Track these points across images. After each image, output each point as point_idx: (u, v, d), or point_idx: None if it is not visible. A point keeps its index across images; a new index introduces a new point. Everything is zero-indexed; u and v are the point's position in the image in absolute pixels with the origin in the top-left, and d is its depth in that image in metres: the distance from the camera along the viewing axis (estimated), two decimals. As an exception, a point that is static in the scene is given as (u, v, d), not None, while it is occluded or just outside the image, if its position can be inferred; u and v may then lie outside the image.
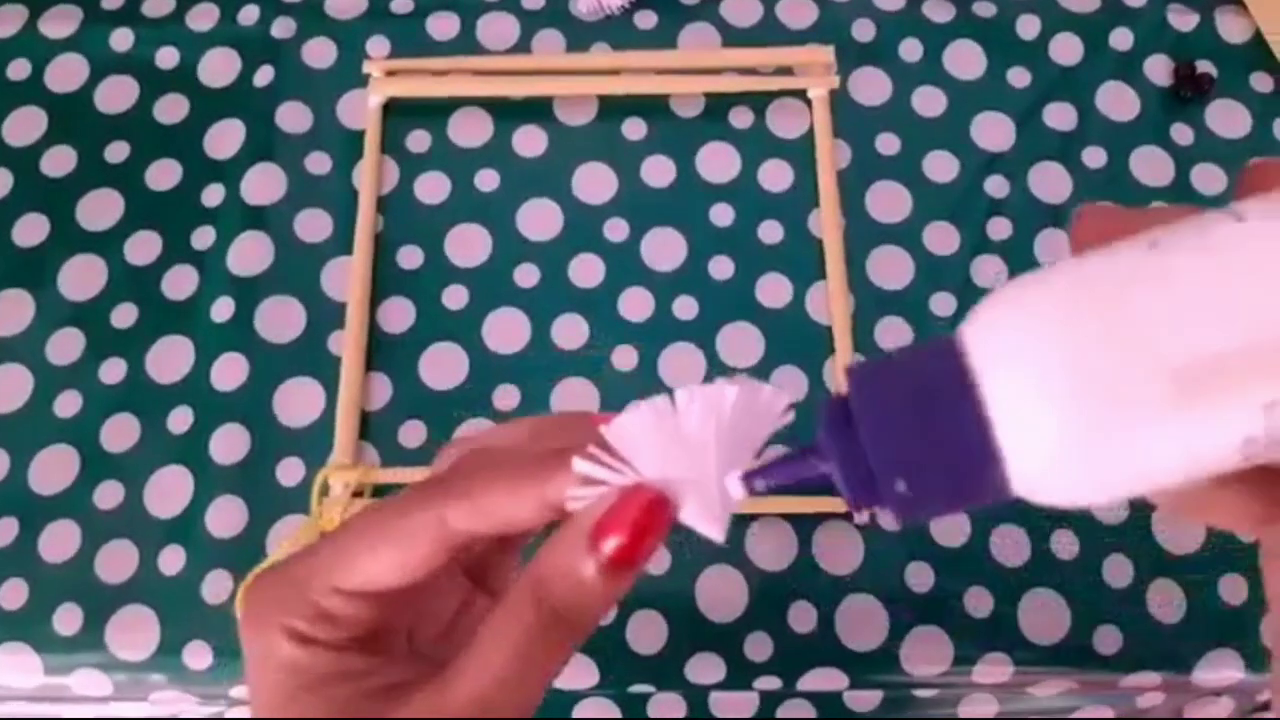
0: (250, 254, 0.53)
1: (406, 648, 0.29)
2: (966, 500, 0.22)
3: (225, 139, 0.55)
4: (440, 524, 0.26)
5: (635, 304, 0.52)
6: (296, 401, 0.50)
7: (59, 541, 0.48)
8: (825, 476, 0.23)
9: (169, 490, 0.48)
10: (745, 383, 0.25)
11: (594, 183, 0.54)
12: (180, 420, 0.50)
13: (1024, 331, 0.21)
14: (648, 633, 0.47)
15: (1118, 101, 0.56)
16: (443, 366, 0.51)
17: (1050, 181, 0.54)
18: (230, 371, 0.50)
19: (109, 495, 0.48)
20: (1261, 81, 0.57)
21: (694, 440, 0.25)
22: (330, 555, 0.27)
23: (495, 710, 0.25)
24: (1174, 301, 0.20)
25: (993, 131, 0.55)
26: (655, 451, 0.25)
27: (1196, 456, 0.21)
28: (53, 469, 0.49)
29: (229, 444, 0.49)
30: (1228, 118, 0.56)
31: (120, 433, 0.49)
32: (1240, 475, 0.23)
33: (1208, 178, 0.55)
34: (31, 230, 0.53)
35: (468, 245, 0.53)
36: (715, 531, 0.25)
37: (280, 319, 0.51)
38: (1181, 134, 0.56)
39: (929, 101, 0.56)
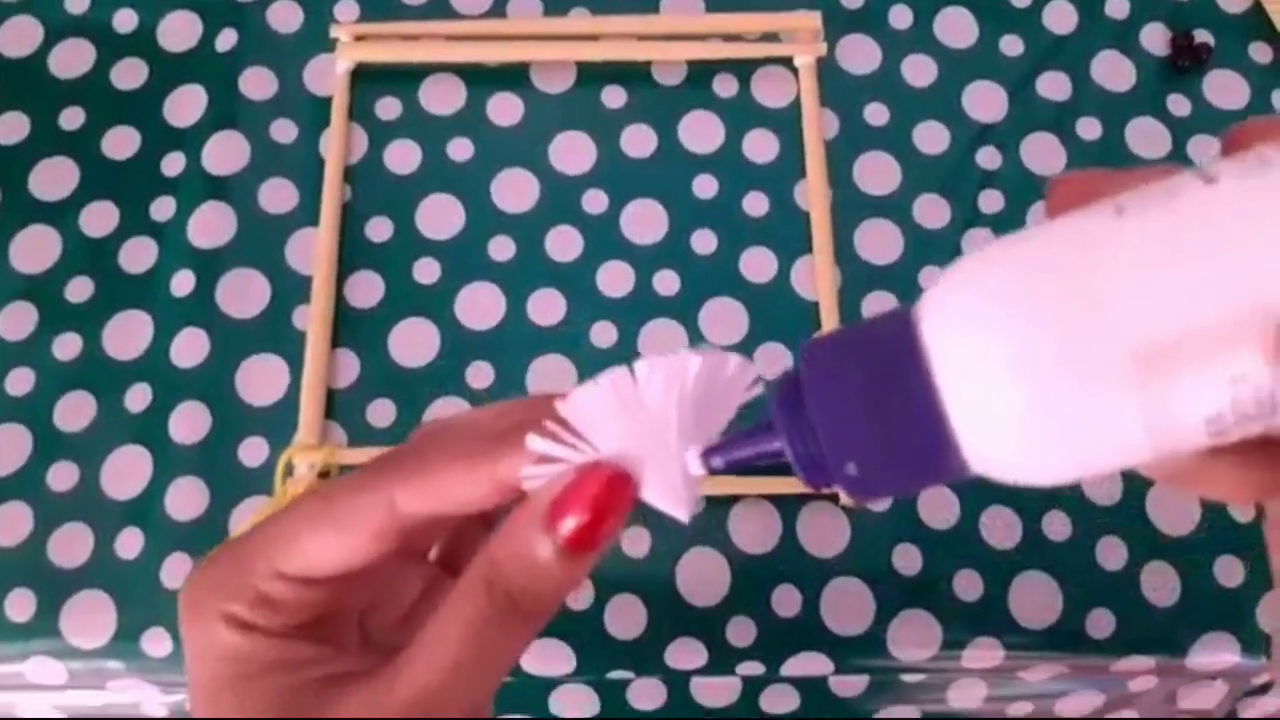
0: (212, 225, 0.51)
1: (357, 635, 0.28)
2: (921, 481, 0.21)
3: (186, 106, 0.53)
4: (388, 506, 0.25)
5: (614, 278, 0.50)
6: (260, 379, 0.48)
7: (11, 524, 0.46)
8: (782, 456, 0.22)
9: (126, 471, 0.46)
10: (709, 353, 0.23)
11: (572, 153, 0.52)
12: (138, 398, 0.48)
13: (977, 307, 0.20)
14: (626, 617, 0.45)
15: (1113, 71, 0.55)
16: (413, 343, 0.49)
17: (1044, 153, 0.53)
18: (190, 347, 0.48)
19: (63, 476, 0.46)
20: (1260, 51, 0.55)
21: (655, 414, 0.23)
22: (273, 538, 0.25)
23: (443, 705, 0.24)
24: (1135, 274, 0.19)
25: (985, 101, 0.54)
26: (615, 427, 0.23)
27: (1160, 436, 0.19)
28: (4, 449, 0.47)
29: (189, 423, 0.47)
30: (1226, 88, 0.54)
31: (75, 411, 0.47)
32: (1234, 447, 0.21)
33: (1205, 149, 0.53)
34: (-18, 200, 0.51)
35: (439, 217, 0.51)
36: (679, 510, 0.23)
37: (243, 293, 0.49)
38: (1178, 105, 0.54)
39: (919, 70, 0.54)
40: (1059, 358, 0.19)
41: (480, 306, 0.50)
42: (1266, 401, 0.19)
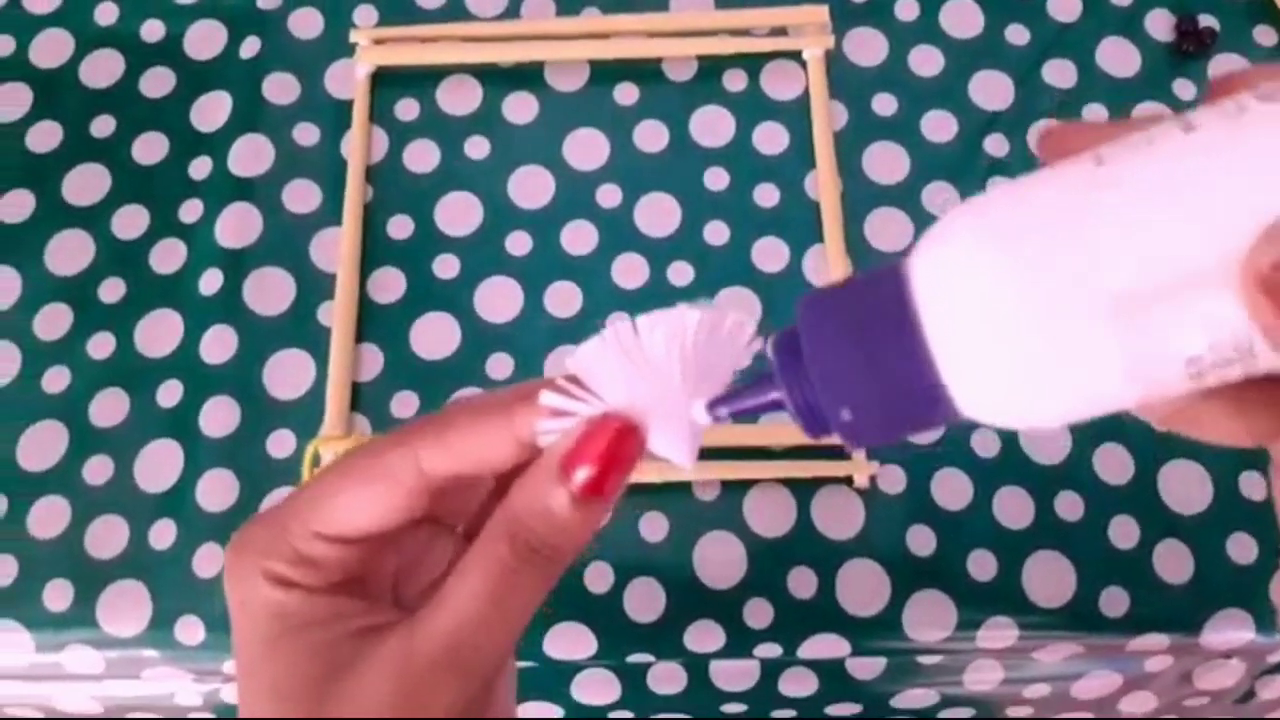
0: (238, 226, 0.52)
1: (391, 597, 0.29)
2: (914, 427, 0.22)
3: (212, 111, 0.55)
4: (415, 465, 0.26)
5: (629, 271, 0.51)
6: (286, 373, 0.49)
7: (49, 517, 0.47)
8: (782, 403, 0.23)
9: (159, 464, 0.48)
10: (708, 308, 0.24)
11: (586, 149, 0.54)
12: (170, 394, 0.49)
13: (962, 254, 0.21)
14: (645, 601, 0.46)
15: (1118, 57, 0.55)
16: (434, 336, 0.50)
17: (1049, 141, 0.53)
18: (219, 344, 0.50)
19: (99, 470, 0.48)
20: (1265, 35, 0.56)
21: (659, 367, 0.24)
22: (309, 499, 0.27)
23: (468, 648, 0.25)
24: (1114, 219, 0.19)
25: (991, 90, 0.54)
26: (621, 379, 0.24)
27: (1141, 377, 0.20)
28: (42, 445, 0.48)
29: (219, 417, 0.49)
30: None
31: (109, 407, 0.49)
32: (1227, 390, 0.22)
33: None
34: (18, 206, 0.53)
35: (458, 214, 0.52)
36: (684, 457, 0.25)
37: (269, 291, 0.51)
38: (1184, 89, 0.55)
39: (926, 60, 0.55)
40: (1042, 300, 0.20)
41: (499, 300, 0.51)
42: (1244, 345, 0.20)
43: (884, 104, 0.54)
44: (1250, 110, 0.19)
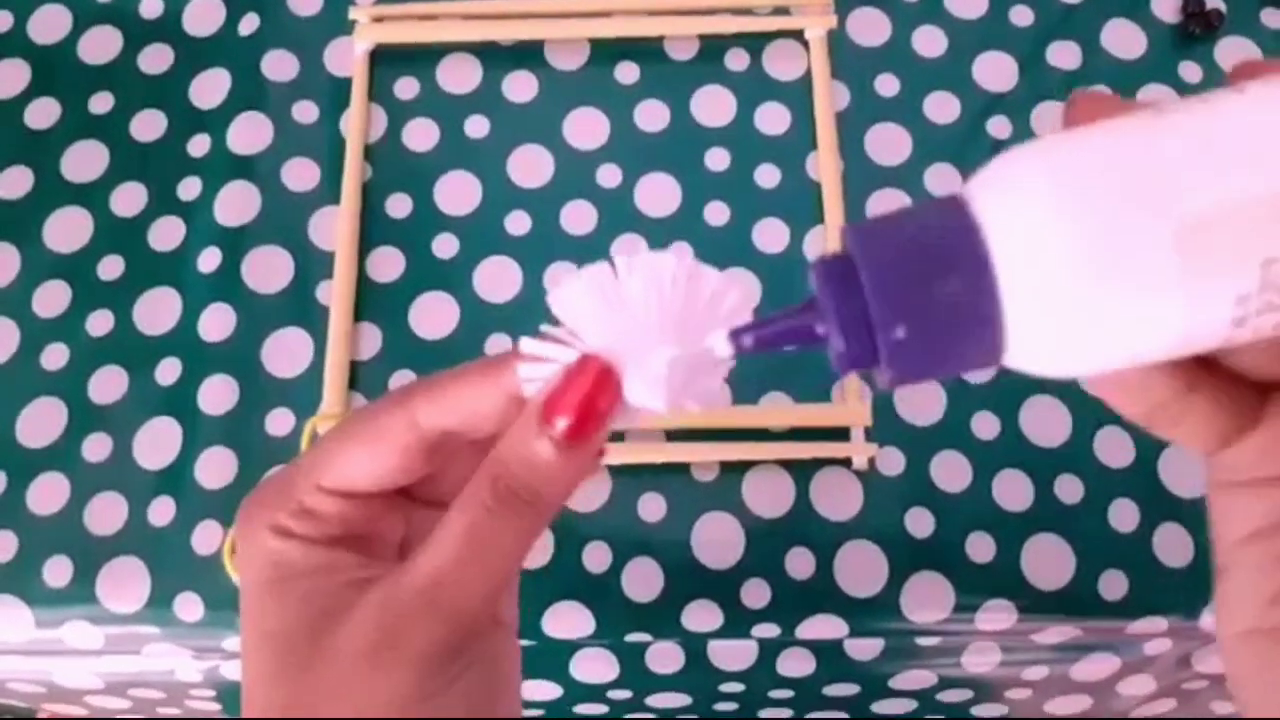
0: (237, 204, 0.52)
1: (395, 556, 0.29)
2: (961, 358, 0.22)
3: (210, 88, 0.54)
4: (410, 420, 0.27)
5: (629, 251, 0.50)
6: (285, 352, 0.49)
7: (48, 494, 0.47)
8: (816, 336, 0.23)
9: (158, 442, 0.48)
10: (692, 261, 0.25)
11: (586, 128, 0.53)
12: (168, 372, 0.49)
13: (1027, 188, 0.21)
14: (644, 581, 0.46)
15: (1124, 39, 0.55)
16: (433, 316, 0.50)
17: (1054, 122, 0.53)
18: (218, 322, 0.50)
19: (98, 447, 0.48)
20: (1272, 17, 0.55)
21: (635, 310, 0.25)
22: (315, 456, 0.28)
23: (450, 588, 0.26)
24: (1178, 158, 0.20)
25: (995, 71, 0.54)
26: (598, 321, 0.25)
27: (1196, 310, 0.21)
28: (41, 421, 0.48)
29: (218, 395, 0.48)
30: (1238, 55, 0.54)
31: (108, 385, 0.49)
32: (1211, 384, 0.23)
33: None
34: (15, 183, 0.53)
35: (457, 193, 0.52)
36: (658, 402, 0.25)
37: (268, 269, 0.51)
38: (1190, 72, 0.54)
39: (929, 41, 0.55)
40: (1108, 229, 0.20)
41: (498, 280, 0.51)
42: None
43: (887, 84, 0.54)
44: None
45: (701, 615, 0.46)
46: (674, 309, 0.25)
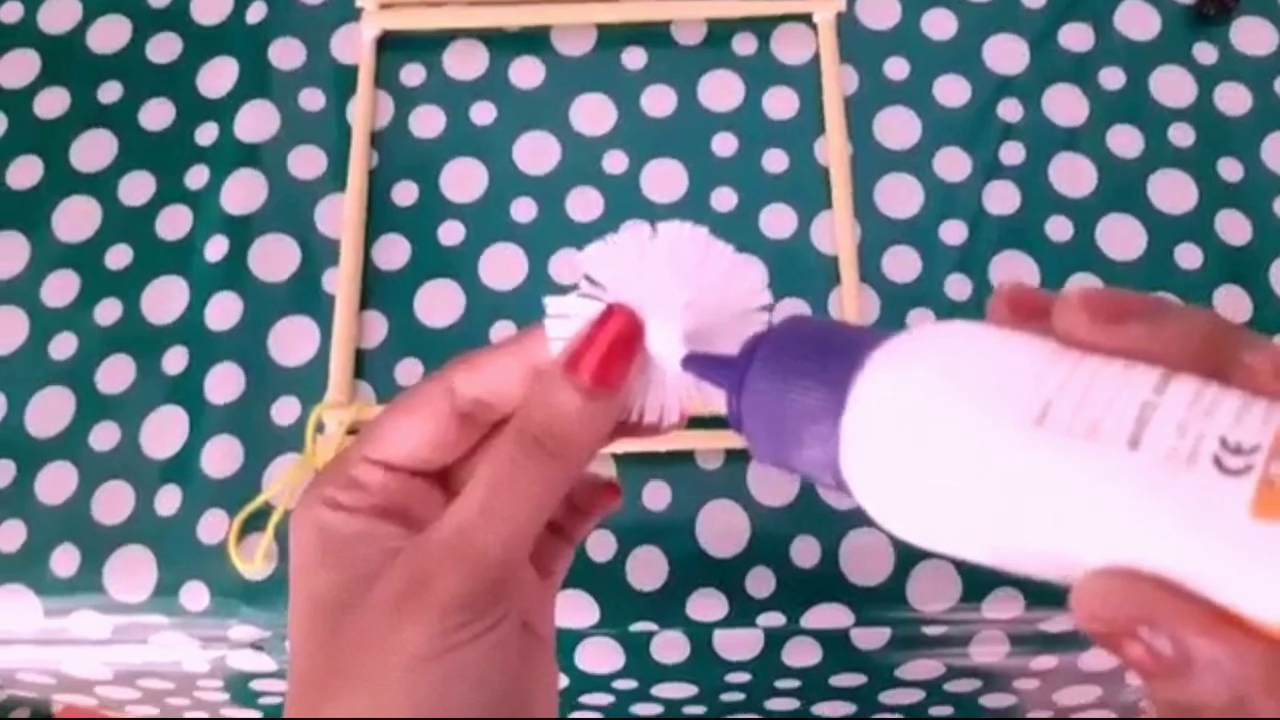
0: (244, 192, 0.52)
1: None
2: (793, 466, 0.25)
3: (218, 77, 0.54)
4: (446, 387, 0.29)
5: (636, 237, 0.51)
6: (291, 340, 0.49)
7: (56, 483, 0.47)
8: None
9: (165, 430, 0.48)
10: (724, 244, 0.27)
11: (593, 114, 0.53)
12: (175, 360, 0.49)
13: (897, 409, 0.22)
14: (648, 570, 0.46)
15: (1137, 20, 0.54)
16: (439, 303, 0.50)
17: (1066, 104, 0.52)
18: (225, 311, 0.50)
19: (105, 436, 0.48)
20: (1290, -3, 0.54)
21: (659, 269, 0.26)
22: (367, 431, 0.30)
23: (477, 535, 0.26)
24: (1028, 488, 0.20)
25: (1005, 54, 0.53)
26: (623, 276, 0.26)
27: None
28: (49, 411, 0.48)
29: (224, 383, 0.49)
30: (1254, 35, 0.54)
31: (116, 374, 0.49)
32: None
33: (1232, 98, 0.52)
34: (25, 172, 0.53)
35: (464, 180, 0.52)
36: (674, 355, 0.26)
37: (274, 257, 0.51)
38: (1204, 53, 0.53)
39: (939, 24, 0.54)
40: (940, 495, 0.22)
41: (504, 267, 0.50)
42: None
43: (896, 68, 0.53)
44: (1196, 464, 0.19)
45: (706, 604, 0.45)
46: (694, 274, 0.26)
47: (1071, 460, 0.20)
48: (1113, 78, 0.53)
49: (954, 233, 0.50)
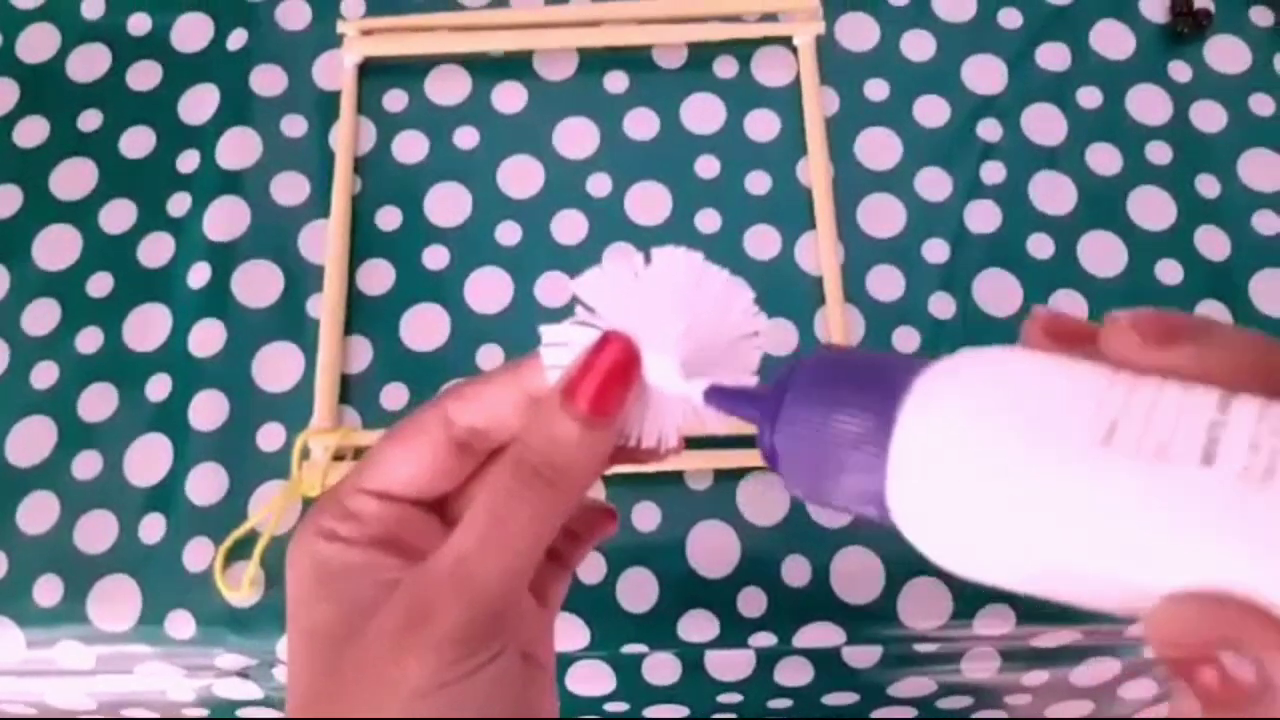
0: (226, 219, 0.52)
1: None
2: (828, 501, 0.24)
3: (199, 104, 0.54)
4: (441, 416, 0.28)
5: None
6: (275, 366, 0.49)
7: (38, 513, 0.47)
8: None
9: (148, 459, 0.48)
10: (716, 267, 0.27)
11: (575, 138, 0.53)
12: (159, 388, 0.49)
13: (950, 434, 0.21)
14: (639, 592, 0.46)
15: (1113, 40, 0.55)
16: (424, 328, 0.50)
17: (1045, 124, 0.53)
18: (208, 338, 0.49)
19: (88, 465, 0.48)
20: (1261, 15, 0.55)
21: (655, 295, 0.26)
22: (363, 462, 0.29)
23: (476, 566, 0.26)
24: (1100, 509, 0.20)
25: (984, 74, 0.54)
26: (618, 304, 0.26)
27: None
28: (30, 440, 0.48)
29: (208, 411, 0.48)
30: (1227, 54, 0.54)
31: (98, 402, 0.49)
32: None
33: (1207, 115, 0.53)
34: (4, 201, 0.53)
35: (447, 205, 0.52)
36: (674, 382, 0.26)
37: (258, 284, 0.50)
38: (1179, 71, 0.54)
39: (918, 45, 0.55)
40: (994, 515, 0.21)
41: (489, 291, 0.50)
42: None
43: (876, 89, 0.54)
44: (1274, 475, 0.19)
45: (698, 625, 0.45)
46: (689, 300, 0.26)
47: (1143, 480, 0.19)
48: (1090, 97, 0.53)
49: (937, 252, 0.51)
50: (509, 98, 0.54)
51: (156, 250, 0.51)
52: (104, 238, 0.52)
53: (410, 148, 0.53)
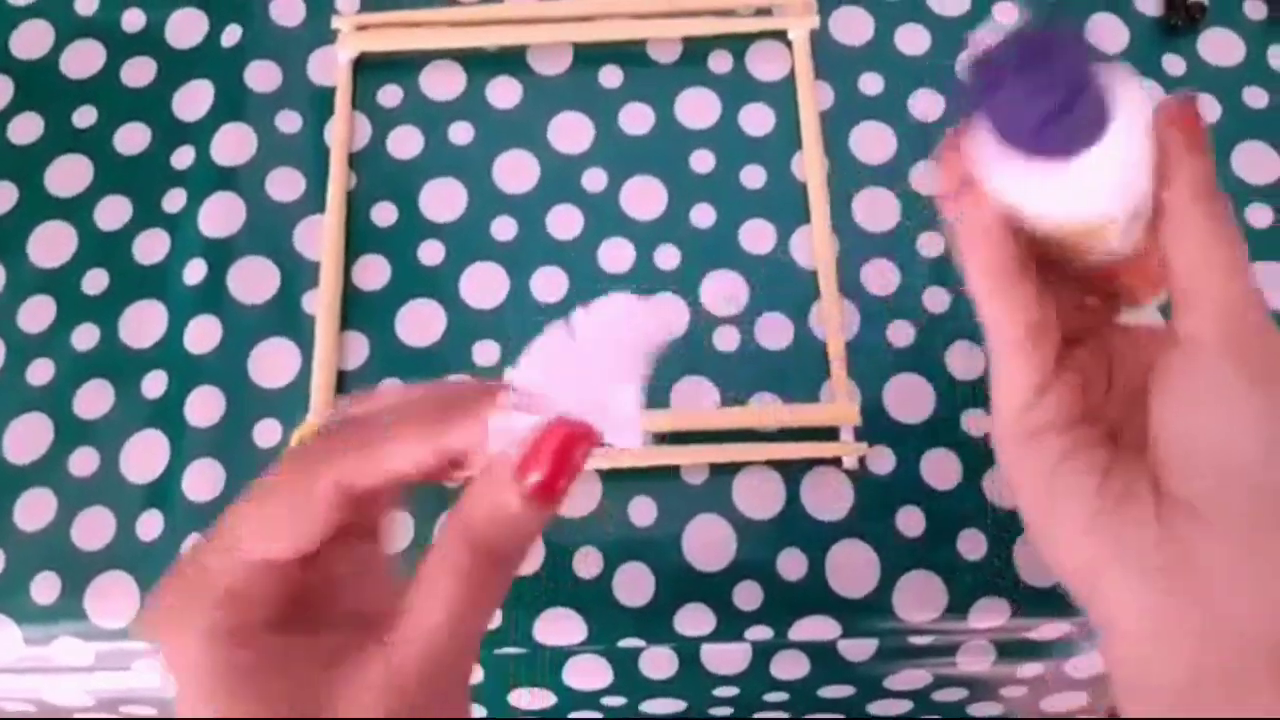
0: (221, 215, 0.52)
1: (335, 610, 0.28)
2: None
3: (194, 100, 0.54)
4: (336, 481, 0.26)
5: (616, 254, 0.51)
6: (272, 362, 0.49)
7: (35, 510, 0.47)
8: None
9: (145, 455, 0.48)
10: (631, 297, 0.26)
11: (571, 133, 0.53)
12: (154, 385, 0.49)
13: None
14: (635, 586, 0.46)
15: (1107, 33, 0.55)
16: (420, 323, 0.50)
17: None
18: (204, 334, 0.49)
19: (84, 462, 0.48)
20: (1255, 9, 0.55)
21: (595, 360, 0.26)
22: (229, 531, 0.26)
23: (448, 657, 0.25)
24: None
25: (978, 68, 0.54)
26: (563, 380, 0.26)
27: None
28: (27, 437, 0.48)
29: (204, 407, 0.48)
30: (1221, 47, 0.54)
31: (94, 399, 0.49)
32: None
33: (1202, 108, 0.53)
34: (0, 199, 0.52)
35: (443, 200, 0.52)
36: (634, 439, 0.26)
37: (253, 280, 0.50)
38: (1173, 65, 0.54)
39: (912, 39, 0.55)
40: None
41: (485, 286, 0.50)
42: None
43: (870, 83, 0.54)
44: None
45: (694, 619, 0.45)
46: (625, 346, 0.26)
47: None
48: (1084, 90, 0.53)
49: (932, 244, 0.51)
50: (504, 93, 0.54)
51: (152, 247, 0.51)
52: (99, 234, 0.52)
53: (405, 143, 0.53)
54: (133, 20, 0.56)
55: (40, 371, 0.49)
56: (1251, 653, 0.27)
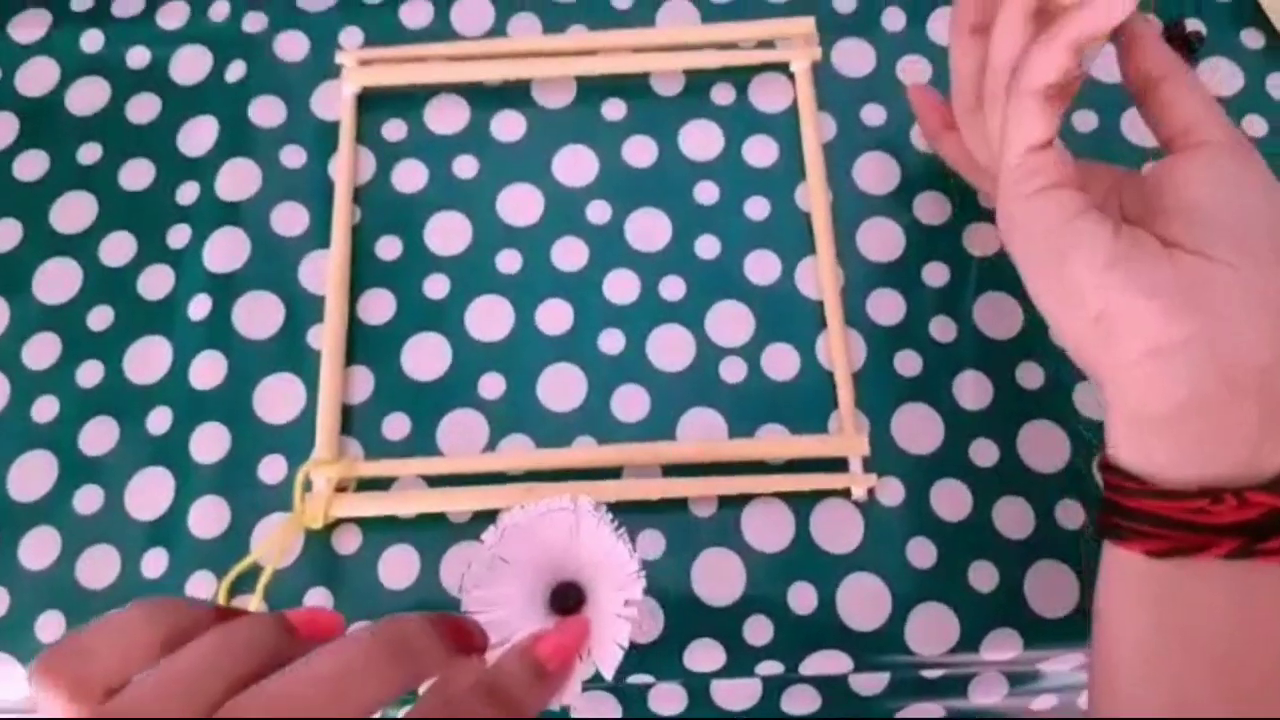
0: (226, 250, 0.52)
1: None
2: None
3: (198, 136, 0.54)
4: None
5: (621, 286, 0.51)
6: (277, 398, 0.49)
7: (39, 548, 0.47)
8: None
9: (150, 492, 0.47)
10: (553, 505, 0.31)
11: (574, 165, 0.53)
12: (159, 421, 0.49)
13: None
14: (644, 621, 0.45)
15: (1107, 63, 0.55)
16: (425, 357, 0.50)
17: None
18: (209, 370, 0.49)
19: (89, 500, 0.47)
20: (1252, 38, 0.56)
21: (516, 578, 0.30)
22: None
23: None
24: None
25: (980, 98, 0.54)
26: (499, 598, 0.31)
27: None
28: (31, 475, 0.48)
29: (209, 443, 0.48)
30: (1219, 76, 0.55)
31: (99, 436, 0.48)
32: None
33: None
34: (4, 236, 0.52)
35: (447, 233, 0.52)
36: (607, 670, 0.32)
37: (258, 315, 0.50)
38: (1174, 93, 0.54)
39: (913, 71, 0.55)
40: None
41: (490, 319, 0.50)
42: None
43: (873, 114, 0.54)
44: None
45: (704, 654, 0.45)
46: (547, 551, 0.31)
47: None
48: (1085, 120, 0.54)
49: (937, 274, 0.51)
50: (507, 126, 0.54)
51: (157, 282, 0.51)
52: (104, 270, 0.52)
53: (410, 177, 0.53)
54: (137, 57, 0.56)
55: (44, 408, 0.49)
56: (1243, 372, 0.33)
